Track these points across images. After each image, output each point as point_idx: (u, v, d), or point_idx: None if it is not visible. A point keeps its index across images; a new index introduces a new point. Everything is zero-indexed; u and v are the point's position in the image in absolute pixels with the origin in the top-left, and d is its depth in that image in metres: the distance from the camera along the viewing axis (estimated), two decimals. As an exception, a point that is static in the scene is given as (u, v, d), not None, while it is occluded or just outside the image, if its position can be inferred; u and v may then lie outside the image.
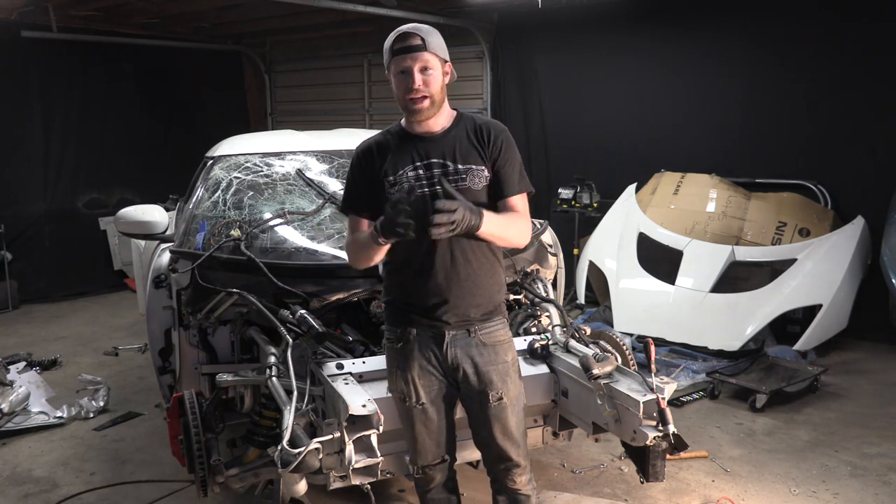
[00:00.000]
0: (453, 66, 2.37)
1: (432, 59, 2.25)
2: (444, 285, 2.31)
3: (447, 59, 2.32)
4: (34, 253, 7.38)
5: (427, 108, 2.26)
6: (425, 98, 2.24)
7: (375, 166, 2.36)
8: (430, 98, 2.25)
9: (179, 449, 2.80)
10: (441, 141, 2.33)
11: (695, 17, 6.27)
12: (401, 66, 2.24)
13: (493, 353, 2.38)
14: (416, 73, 2.22)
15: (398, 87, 2.28)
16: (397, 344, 2.40)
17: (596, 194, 6.38)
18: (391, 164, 2.33)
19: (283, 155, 3.95)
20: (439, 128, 2.34)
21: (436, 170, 2.29)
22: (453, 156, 2.30)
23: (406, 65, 2.23)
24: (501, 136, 2.35)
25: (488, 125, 2.36)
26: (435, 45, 2.26)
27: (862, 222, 5.39)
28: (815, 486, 3.46)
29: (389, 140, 2.39)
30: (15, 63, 7.15)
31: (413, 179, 2.29)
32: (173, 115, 8.62)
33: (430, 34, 2.27)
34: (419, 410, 2.39)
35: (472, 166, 2.30)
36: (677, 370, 4.87)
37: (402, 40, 2.25)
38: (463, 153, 2.31)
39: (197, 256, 3.12)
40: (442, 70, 2.29)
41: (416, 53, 2.23)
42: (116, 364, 5.43)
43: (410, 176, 2.30)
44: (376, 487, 3.21)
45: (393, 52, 2.26)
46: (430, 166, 2.30)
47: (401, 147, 2.35)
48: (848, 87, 5.62)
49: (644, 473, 2.51)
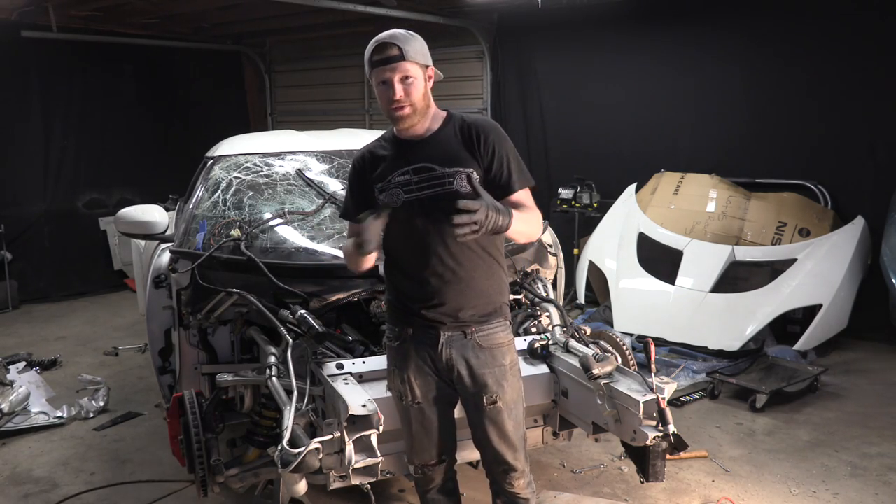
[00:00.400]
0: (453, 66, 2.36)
1: (412, 67, 2.22)
2: (437, 287, 2.29)
3: (429, 63, 2.28)
4: (34, 253, 7.38)
5: (409, 115, 2.24)
6: (405, 107, 2.23)
7: (367, 174, 2.37)
8: (411, 106, 2.23)
9: (179, 449, 2.80)
10: (427, 144, 2.30)
11: (695, 17, 6.27)
12: (381, 78, 2.23)
13: (489, 356, 2.35)
14: (396, 85, 2.20)
15: (380, 98, 2.28)
16: (395, 343, 2.41)
17: (596, 194, 6.38)
18: (380, 171, 2.34)
19: (283, 155, 3.95)
20: (423, 130, 2.31)
21: (423, 173, 2.26)
22: (441, 159, 2.27)
23: (386, 76, 2.21)
24: (492, 135, 2.29)
25: (477, 124, 2.32)
26: (414, 52, 2.22)
27: (862, 222, 5.39)
28: (815, 486, 3.46)
29: (382, 147, 2.40)
30: (15, 63, 7.15)
31: (401, 185, 2.27)
32: (173, 115, 8.62)
33: (407, 41, 2.23)
34: (416, 409, 2.40)
35: (459, 169, 2.25)
36: (677, 370, 4.87)
37: (379, 52, 2.22)
38: (450, 156, 2.27)
39: (197, 256, 3.12)
40: (424, 76, 2.26)
41: (395, 64, 2.20)
42: (116, 364, 5.43)
43: (398, 181, 2.28)
44: (376, 487, 3.21)
45: (371, 63, 2.25)
46: (418, 170, 2.27)
47: (390, 153, 2.35)
48: (848, 87, 5.62)
49: (644, 473, 2.51)
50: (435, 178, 2.25)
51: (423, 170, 2.27)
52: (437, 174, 2.26)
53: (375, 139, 2.48)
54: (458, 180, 2.24)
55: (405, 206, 2.27)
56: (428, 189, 2.25)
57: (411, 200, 2.27)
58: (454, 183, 2.24)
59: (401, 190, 2.27)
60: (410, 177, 2.27)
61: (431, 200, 2.25)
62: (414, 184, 2.27)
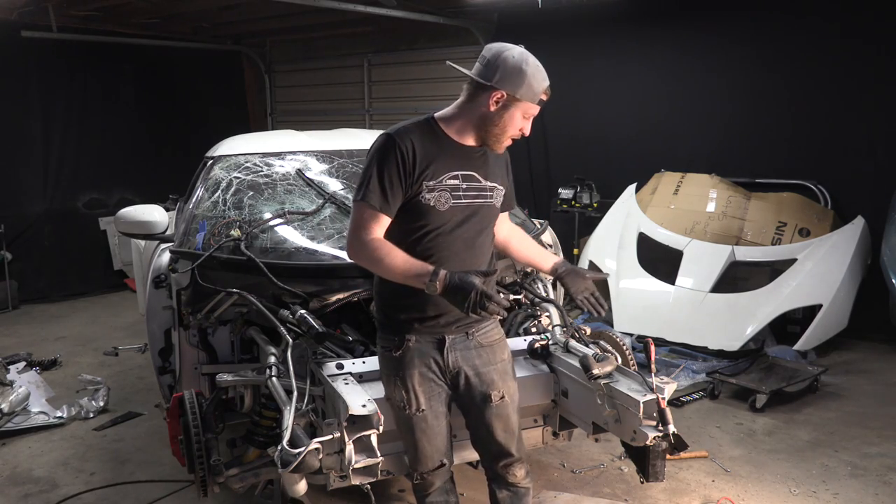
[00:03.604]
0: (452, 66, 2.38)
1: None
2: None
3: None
4: (34, 253, 7.38)
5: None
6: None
7: (416, 164, 2.21)
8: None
9: (179, 449, 2.80)
10: (481, 155, 2.34)
11: (695, 17, 6.28)
12: (531, 112, 2.25)
13: (491, 353, 2.41)
14: (530, 123, 2.28)
15: (510, 125, 2.24)
16: (396, 352, 2.36)
17: (596, 194, 6.39)
18: (433, 167, 2.24)
19: (283, 155, 3.95)
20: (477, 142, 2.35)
21: (472, 182, 2.30)
22: (486, 172, 2.33)
23: (534, 113, 2.26)
24: (507, 156, 2.44)
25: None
26: None
27: (862, 222, 5.39)
28: (815, 486, 3.46)
29: (430, 139, 2.26)
30: (15, 63, 7.15)
31: (450, 189, 2.26)
32: (173, 114, 8.62)
33: None
34: (419, 418, 2.37)
35: (497, 185, 2.37)
36: (677, 370, 4.87)
37: (547, 93, 2.24)
38: (492, 172, 2.36)
39: (197, 256, 3.11)
40: None
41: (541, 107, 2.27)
42: (116, 364, 5.43)
43: (449, 185, 2.26)
44: (376, 487, 3.21)
45: (539, 101, 2.24)
46: (467, 178, 2.29)
47: (442, 150, 2.26)
48: (848, 87, 5.63)
49: (644, 473, 2.51)
50: (480, 189, 2.32)
51: (471, 179, 2.30)
52: (481, 185, 2.32)
53: (412, 125, 2.27)
54: (497, 195, 2.37)
55: (449, 211, 2.27)
56: (472, 199, 2.31)
57: (457, 207, 2.27)
58: (493, 197, 2.36)
59: (449, 194, 2.26)
60: (460, 182, 2.28)
61: (473, 210, 2.32)
62: (462, 191, 2.28)
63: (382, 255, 2.18)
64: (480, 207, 2.33)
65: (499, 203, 2.39)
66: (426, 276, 2.12)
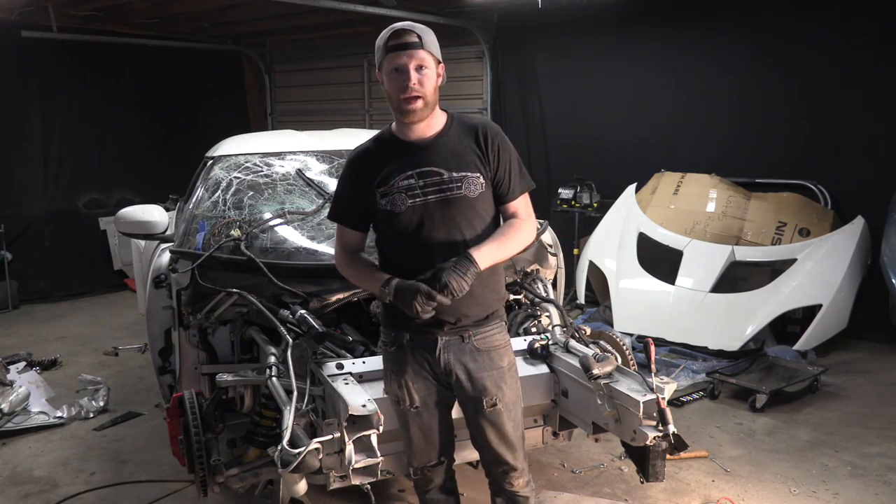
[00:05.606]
0: (453, 66, 2.36)
1: (428, 57, 2.19)
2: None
3: (441, 59, 2.26)
4: (34, 253, 7.38)
5: (420, 108, 2.18)
6: (419, 98, 2.17)
7: (366, 176, 2.29)
8: (423, 98, 2.17)
9: (179, 449, 2.80)
10: (434, 147, 2.26)
11: (695, 17, 6.27)
12: (395, 63, 2.16)
13: (487, 359, 2.34)
14: (411, 71, 2.15)
15: (391, 86, 2.20)
16: (391, 348, 2.39)
17: (596, 194, 6.39)
18: (383, 174, 2.26)
19: (283, 155, 3.95)
20: (431, 132, 2.27)
21: (429, 178, 2.23)
22: (447, 163, 2.24)
23: (401, 62, 2.15)
24: (497, 139, 2.29)
25: (484, 128, 2.29)
26: (430, 43, 2.20)
27: (862, 222, 5.39)
28: (815, 486, 3.46)
29: (380, 147, 2.32)
30: (15, 63, 7.15)
31: (405, 189, 2.23)
32: (173, 114, 8.62)
33: (425, 32, 2.21)
34: (414, 413, 2.39)
35: (468, 174, 2.24)
36: (677, 370, 4.87)
37: (397, 37, 2.17)
38: (457, 160, 2.25)
39: (197, 256, 3.12)
40: (436, 71, 2.23)
41: (413, 51, 2.15)
42: (116, 364, 5.43)
43: (402, 186, 2.24)
44: (376, 487, 3.21)
45: (387, 48, 2.18)
46: (424, 175, 2.23)
47: (392, 155, 2.28)
48: (848, 88, 5.62)
49: (644, 473, 2.51)
50: (441, 183, 2.23)
51: (429, 174, 2.24)
52: (443, 179, 2.23)
53: (370, 139, 2.38)
54: (467, 185, 2.24)
55: (408, 212, 2.24)
56: (434, 195, 2.23)
57: (415, 206, 2.23)
58: (462, 188, 2.24)
59: (405, 195, 2.24)
60: (415, 181, 2.24)
61: (437, 206, 2.24)
62: (419, 188, 2.23)
63: (345, 267, 2.40)
64: (449, 201, 2.23)
65: (476, 192, 2.24)
66: (380, 284, 2.23)
